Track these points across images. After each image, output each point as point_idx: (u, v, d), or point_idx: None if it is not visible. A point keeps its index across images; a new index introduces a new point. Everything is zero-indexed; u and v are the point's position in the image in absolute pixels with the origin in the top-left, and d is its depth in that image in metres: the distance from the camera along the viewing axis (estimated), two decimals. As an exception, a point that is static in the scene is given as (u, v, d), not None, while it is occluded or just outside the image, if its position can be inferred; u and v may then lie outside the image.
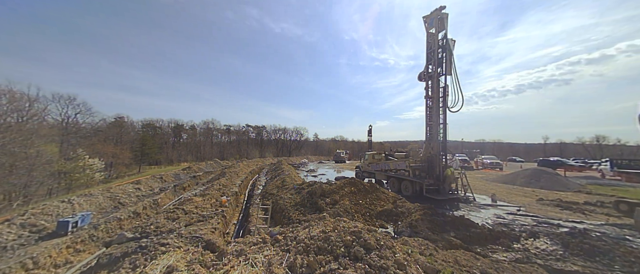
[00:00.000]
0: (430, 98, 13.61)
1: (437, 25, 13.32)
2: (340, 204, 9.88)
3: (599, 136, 65.19)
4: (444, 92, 13.20)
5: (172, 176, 24.30)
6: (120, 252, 5.82)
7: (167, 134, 65.29)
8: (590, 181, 20.26)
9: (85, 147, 28.31)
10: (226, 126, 77.15)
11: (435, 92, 13.31)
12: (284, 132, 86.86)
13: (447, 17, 13.08)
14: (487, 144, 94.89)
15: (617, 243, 6.43)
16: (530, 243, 6.93)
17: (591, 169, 31.60)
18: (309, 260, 4.09)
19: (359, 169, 21.80)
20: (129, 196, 15.01)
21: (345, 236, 4.66)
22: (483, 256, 5.84)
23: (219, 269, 4.19)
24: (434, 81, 13.38)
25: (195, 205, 10.08)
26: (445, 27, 13.09)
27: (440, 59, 13.22)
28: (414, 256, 4.43)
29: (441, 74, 13.22)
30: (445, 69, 13.13)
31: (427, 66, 13.87)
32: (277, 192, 13.77)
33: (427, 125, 13.88)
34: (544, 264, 5.67)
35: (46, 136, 22.06)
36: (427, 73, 13.85)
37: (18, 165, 16.59)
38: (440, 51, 13.27)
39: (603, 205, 11.67)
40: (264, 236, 5.54)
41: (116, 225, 9.98)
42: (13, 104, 20.28)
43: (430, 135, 13.73)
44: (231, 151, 69.17)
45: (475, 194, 13.80)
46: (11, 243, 7.91)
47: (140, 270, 4.43)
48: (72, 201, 11.77)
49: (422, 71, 14.08)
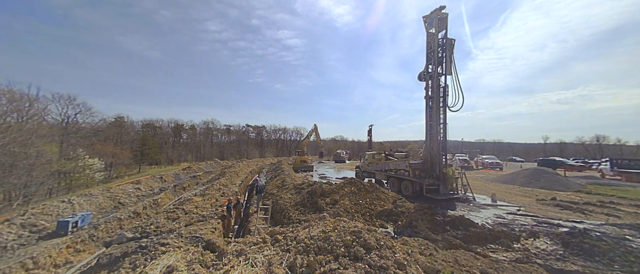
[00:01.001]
0: (431, 98, 13.58)
1: (437, 25, 13.26)
2: (340, 204, 9.88)
3: (599, 136, 65.27)
4: (444, 92, 13.21)
5: (172, 176, 24.32)
6: (120, 252, 5.81)
7: (167, 134, 65.33)
8: (590, 181, 20.27)
9: (85, 147, 28.35)
10: (226, 126, 77.22)
11: (435, 92, 13.31)
12: (284, 132, 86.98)
13: (447, 17, 13.07)
14: (487, 144, 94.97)
15: (617, 242, 6.43)
16: (530, 242, 6.93)
17: (591, 169, 31.62)
18: (309, 260, 4.09)
19: (359, 169, 21.94)
20: (129, 196, 15.02)
21: (345, 236, 4.66)
22: (483, 256, 5.84)
23: (219, 269, 4.19)
24: (434, 81, 13.35)
25: (195, 205, 10.08)
26: (446, 27, 13.07)
27: (440, 58, 13.18)
28: (414, 256, 4.43)
29: (441, 74, 13.21)
30: (445, 68, 13.13)
31: (427, 66, 13.81)
32: (277, 192, 13.77)
33: (427, 125, 13.84)
34: (544, 264, 5.67)
35: (46, 136, 22.07)
36: (427, 73, 13.81)
37: (18, 165, 16.59)
38: (440, 51, 13.23)
39: (603, 205, 11.68)
40: (264, 236, 5.54)
41: (116, 225, 9.98)
42: (13, 104, 20.29)
43: (430, 135, 13.72)
44: (231, 151, 69.22)
45: (476, 194, 13.81)
46: (11, 243, 7.92)
47: (140, 270, 4.43)
48: (72, 201, 11.77)
49: (422, 71, 14.05)
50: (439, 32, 13.29)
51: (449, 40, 13.08)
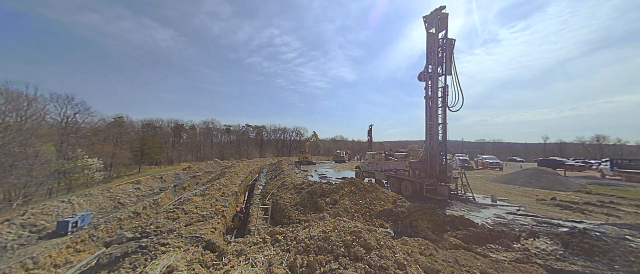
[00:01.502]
0: (430, 98, 13.64)
1: (437, 25, 13.33)
2: (340, 204, 9.87)
3: (599, 136, 65.23)
4: (443, 92, 13.29)
5: (172, 176, 24.30)
6: (120, 252, 5.81)
7: (167, 134, 65.27)
8: (590, 181, 20.27)
9: (84, 147, 28.31)
10: (226, 126, 77.19)
11: (434, 92, 13.41)
12: (284, 132, 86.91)
13: (447, 17, 13.11)
14: (487, 144, 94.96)
15: (617, 242, 6.44)
16: (530, 242, 6.93)
17: (591, 169, 31.64)
18: (309, 260, 4.09)
19: (359, 169, 21.93)
20: (129, 196, 15.01)
21: (345, 236, 4.65)
22: (483, 256, 5.84)
23: (219, 269, 4.19)
24: (433, 81, 13.44)
25: (195, 205, 10.07)
26: (446, 27, 13.12)
27: (440, 58, 13.26)
28: (414, 256, 4.43)
29: (441, 74, 13.29)
30: (445, 68, 13.19)
31: (427, 66, 13.85)
32: (277, 192, 13.76)
33: (427, 125, 13.92)
34: (544, 264, 5.67)
35: (45, 136, 22.05)
36: (426, 73, 13.86)
37: (17, 165, 16.58)
38: (440, 51, 13.29)
39: (603, 205, 11.68)
40: (264, 236, 5.54)
41: (116, 225, 9.98)
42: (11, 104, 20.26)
43: (430, 135, 13.78)
44: (231, 151, 69.16)
45: (476, 193, 13.79)
46: (11, 243, 7.92)
47: (140, 270, 4.42)
48: (72, 201, 11.76)
49: (422, 71, 14.11)
50: (439, 32, 13.33)
51: (449, 40, 13.10)
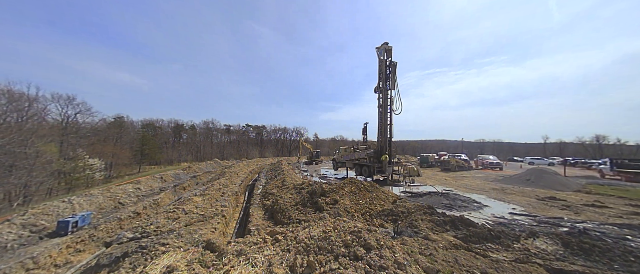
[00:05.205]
0: (381, 106, 18.94)
1: (384, 55, 18.79)
2: (340, 203, 9.88)
3: (599, 136, 65.16)
4: (390, 102, 18.58)
5: (172, 176, 24.28)
6: (120, 252, 5.82)
7: (167, 134, 65.31)
8: (590, 181, 20.27)
9: (85, 147, 28.35)
10: (226, 126, 77.22)
11: (384, 102, 18.70)
12: (284, 132, 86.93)
13: (392, 49, 18.72)
14: (487, 144, 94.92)
15: (617, 242, 6.44)
16: (530, 242, 6.93)
17: (591, 168, 31.64)
18: (309, 260, 4.09)
19: (335, 160, 28.14)
20: (129, 196, 15.02)
21: (345, 236, 4.66)
22: (483, 256, 5.84)
23: (219, 269, 4.18)
24: (383, 93, 18.84)
25: (195, 205, 10.08)
26: (390, 56, 18.66)
27: (387, 76, 18.51)
28: (414, 256, 4.43)
29: (388, 88, 18.61)
30: (390, 84, 18.56)
31: (379, 83, 19.19)
32: (277, 192, 13.76)
33: (379, 126, 19.31)
34: (543, 264, 5.67)
35: (46, 136, 22.06)
36: (379, 88, 19.24)
37: (18, 165, 16.59)
38: (388, 71, 18.52)
39: (602, 205, 11.68)
40: (264, 236, 5.54)
41: (116, 225, 9.99)
42: (12, 104, 20.28)
43: (380, 133, 19.25)
44: (231, 151, 69.13)
45: (475, 193, 13.85)
46: (11, 243, 7.93)
47: (140, 270, 4.42)
48: (72, 201, 11.77)
49: (376, 86, 19.46)
50: (387, 60, 18.65)
51: (393, 63, 18.46)
